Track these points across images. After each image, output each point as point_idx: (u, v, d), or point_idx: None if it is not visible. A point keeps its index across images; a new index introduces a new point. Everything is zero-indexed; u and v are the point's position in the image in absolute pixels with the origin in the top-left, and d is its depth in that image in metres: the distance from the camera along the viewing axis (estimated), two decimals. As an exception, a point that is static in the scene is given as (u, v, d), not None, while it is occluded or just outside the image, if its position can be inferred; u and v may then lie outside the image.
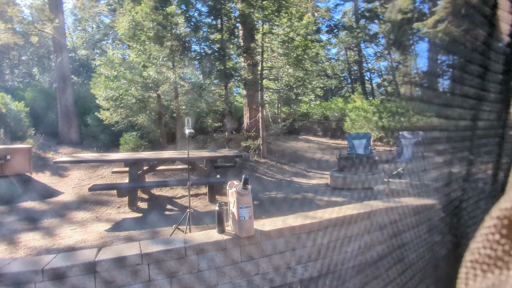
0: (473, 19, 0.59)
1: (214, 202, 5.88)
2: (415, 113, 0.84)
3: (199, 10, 9.91)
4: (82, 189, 6.69)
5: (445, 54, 0.57)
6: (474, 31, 0.59)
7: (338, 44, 23.54)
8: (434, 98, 0.63)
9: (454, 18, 0.63)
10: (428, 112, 0.64)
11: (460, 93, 0.60)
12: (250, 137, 10.39)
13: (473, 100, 0.59)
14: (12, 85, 17.34)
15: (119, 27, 9.39)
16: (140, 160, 5.96)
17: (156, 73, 8.62)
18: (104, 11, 21.07)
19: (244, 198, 3.04)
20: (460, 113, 0.60)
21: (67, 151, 9.94)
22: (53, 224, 4.82)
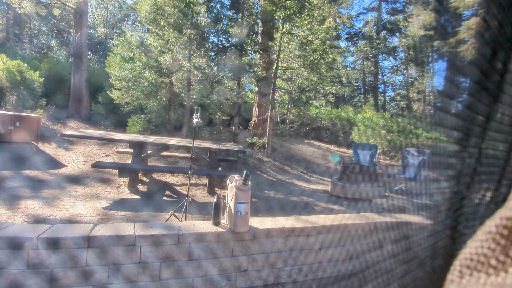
0: (494, 44, 0.58)
1: (213, 194, 5.91)
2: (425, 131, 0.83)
3: (221, 1, 9.91)
4: (85, 165, 6.77)
5: (462, 76, 0.56)
6: (494, 57, 0.59)
7: (356, 52, 23.38)
8: (445, 119, 0.63)
9: (476, 40, 0.63)
10: (437, 132, 0.63)
11: (468, 117, 0.59)
12: (257, 134, 10.39)
13: (480, 126, 0.59)
14: (30, 54, 17.55)
15: (141, 9, 9.43)
16: (145, 143, 6.00)
17: (172, 59, 8.66)
18: (128, -9, 21.18)
19: (243, 193, 3.05)
20: (466, 136, 0.60)
21: (75, 126, 10.05)
22: (53, 195, 4.89)
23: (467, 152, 0.62)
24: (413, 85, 23.56)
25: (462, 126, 0.62)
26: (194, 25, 8.53)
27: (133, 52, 9.12)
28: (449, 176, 0.67)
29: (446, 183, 0.68)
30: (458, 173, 0.65)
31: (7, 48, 14.87)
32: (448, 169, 0.67)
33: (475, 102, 0.61)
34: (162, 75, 8.98)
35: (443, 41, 0.62)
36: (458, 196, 0.65)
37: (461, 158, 0.63)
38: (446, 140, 0.65)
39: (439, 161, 0.69)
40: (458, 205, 0.66)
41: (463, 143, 0.62)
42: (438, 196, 0.68)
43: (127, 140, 5.72)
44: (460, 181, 0.65)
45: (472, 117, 0.61)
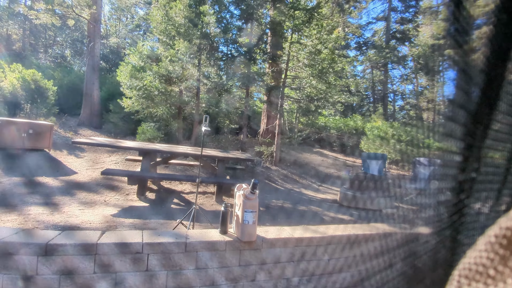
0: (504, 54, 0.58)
1: (221, 202, 5.90)
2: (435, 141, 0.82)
3: (231, 12, 10.07)
4: (95, 172, 6.86)
5: (473, 85, 0.56)
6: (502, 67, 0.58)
7: (365, 62, 23.35)
8: (449, 128, 0.62)
9: (486, 49, 0.62)
10: (442, 141, 0.62)
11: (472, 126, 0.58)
12: (265, 143, 10.39)
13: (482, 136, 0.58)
14: (45, 63, 18.04)
15: (152, 20, 9.63)
16: (154, 151, 6.05)
17: (182, 68, 8.78)
18: (140, 3, 21.71)
19: (251, 202, 3.03)
20: (467, 145, 0.59)
21: (86, 133, 10.22)
22: (63, 201, 4.95)
23: (468, 161, 0.61)
24: (423, 94, 23.34)
25: (464, 134, 0.61)
26: (204, 35, 8.66)
27: (144, 62, 9.29)
28: (450, 185, 0.66)
29: (447, 192, 0.67)
30: (458, 182, 0.64)
31: (23, 57, 15.33)
32: (449, 179, 0.66)
33: (479, 111, 0.60)
34: (171, 84, 9.10)
35: (454, 50, 0.61)
36: (459, 205, 0.64)
37: (461, 167, 0.62)
38: (448, 149, 0.64)
39: (441, 170, 0.68)
40: (458, 215, 0.64)
41: (464, 152, 0.61)
42: (441, 206, 0.67)
43: (136, 148, 5.78)
44: (461, 191, 0.63)
45: (475, 126, 0.60)
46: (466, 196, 0.62)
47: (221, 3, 9.47)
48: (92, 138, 8.35)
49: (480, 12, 0.59)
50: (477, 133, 0.58)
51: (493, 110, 0.58)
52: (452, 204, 0.63)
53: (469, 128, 0.59)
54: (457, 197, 0.62)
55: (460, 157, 0.60)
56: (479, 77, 0.57)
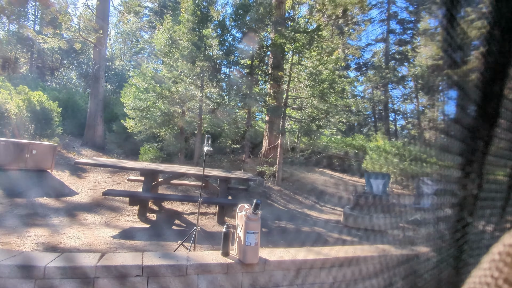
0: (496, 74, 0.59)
1: (222, 223, 5.82)
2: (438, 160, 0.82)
3: (233, 35, 10.33)
4: (96, 192, 6.82)
5: (471, 105, 0.57)
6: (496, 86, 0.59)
7: (366, 82, 23.64)
8: (455, 146, 0.62)
9: (482, 70, 0.63)
10: (447, 159, 0.62)
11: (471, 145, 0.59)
12: (267, 162, 10.37)
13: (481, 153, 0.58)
14: (51, 85, 18.40)
15: (156, 43, 9.90)
16: (156, 171, 6.04)
17: (184, 89, 8.92)
18: (145, 27, 22.38)
19: (253, 223, 2.99)
20: (469, 163, 0.59)
21: (89, 154, 10.26)
22: (63, 223, 4.90)
23: (470, 179, 0.61)
24: (424, 113, 23.44)
25: (465, 152, 0.61)
26: (207, 57, 8.86)
27: (147, 83, 9.46)
28: (452, 204, 0.65)
29: (450, 211, 0.66)
30: (461, 201, 0.63)
31: (29, 80, 15.66)
32: (452, 197, 0.66)
33: (479, 130, 0.60)
34: (174, 104, 9.22)
35: (452, 70, 0.62)
36: (462, 224, 0.63)
37: (463, 184, 0.62)
38: (449, 166, 0.63)
39: (443, 189, 0.68)
40: (462, 234, 0.63)
41: (466, 169, 0.61)
42: (444, 226, 0.66)
43: (138, 168, 5.78)
44: (464, 209, 0.63)
45: (475, 143, 0.60)
46: (469, 214, 0.61)
47: (224, 27, 9.75)
48: (94, 159, 8.38)
49: (477, 33, 0.61)
50: (478, 150, 0.58)
51: (493, 127, 0.58)
52: (456, 223, 0.62)
53: (469, 145, 0.59)
54: (460, 216, 0.61)
55: (462, 174, 0.60)
56: (477, 95, 0.58)
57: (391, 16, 23.48)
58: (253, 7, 9.55)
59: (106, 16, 12.71)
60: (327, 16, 12.23)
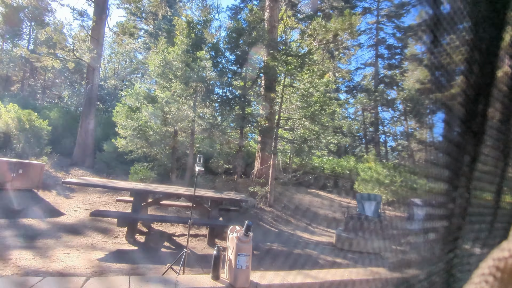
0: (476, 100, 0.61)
1: (213, 245, 5.68)
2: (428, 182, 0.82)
3: (226, 57, 10.53)
4: (83, 213, 6.64)
5: (457, 126, 0.59)
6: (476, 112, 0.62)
7: (356, 104, 24.14)
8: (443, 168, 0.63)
9: (467, 92, 0.66)
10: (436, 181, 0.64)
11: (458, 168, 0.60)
12: (259, 183, 10.31)
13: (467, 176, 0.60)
14: (42, 104, 18.28)
15: (150, 63, 10.02)
16: (146, 192, 5.94)
17: (177, 109, 8.96)
18: (140, 48, 22.69)
19: (244, 245, 2.93)
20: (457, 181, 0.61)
21: (78, 173, 10.07)
22: (47, 245, 4.72)
23: (457, 198, 0.62)
24: (413, 135, 23.89)
25: (453, 172, 0.63)
26: (200, 78, 8.97)
27: (140, 103, 9.48)
28: (442, 222, 0.66)
29: (440, 230, 0.67)
30: (450, 219, 0.64)
31: (20, 98, 15.55)
32: (441, 215, 0.66)
33: (465, 149, 0.62)
34: (167, 124, 9.22)
35: (438, 94, 0.65)
36: (453, 244, 0.63)
37: (452, 203, 0.63)
38: (438, 186, 0.64)
39: (433, 208, 0.69)
40: (453, 254, 0.63)
41: (453, 188, 0.62)
42: (434, 245, 0.66)
43: (128, 188, 5.67)
44: (453, 227, 0.63)
45: (462, 163, 0.62)
46: (458, 232, 0.62)
47: (218, 49, 9.95)
48: (83, 178, 8.22)
49: (461, 58, 0.63)
50: (465, 169, 0.59)
51: (479, 146, 0.60)
52: (446, 241, 0.62)
53: (456, 165, 0.60)
54: (450, 234, 0.62)
55: (450, 193, 0.61)
56: (463, 117, 0.59)
57: (380, 42, 24.39)
58: (246, 31, 9.81)
59: (101, 37, 12.88)
60: (318, 40, 12.63)
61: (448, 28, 0.61)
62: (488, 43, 0.59)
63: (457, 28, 0.61)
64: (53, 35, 11.62)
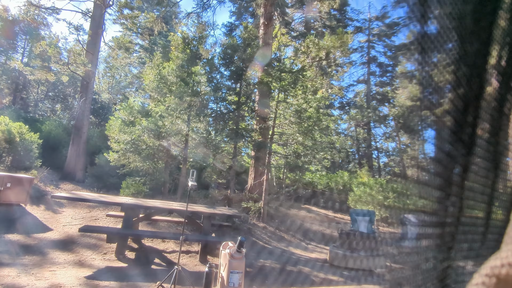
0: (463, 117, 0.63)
1: (205, 262, 5.56)
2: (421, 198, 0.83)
3: (221, 73, 10.64)
4: (72, 229, 6.48)
5: (448, 142, 0.60)
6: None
7: (349, 120, 24.41)
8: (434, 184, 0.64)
9: (456, 109, 0.68)
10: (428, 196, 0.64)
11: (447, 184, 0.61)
12: (252, 198, 10.23)
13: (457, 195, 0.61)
14: (33, 116, 18.10)
15: (145, 78, 10.07)
16: (138, 206, 5.84)
17: (171, 124, 8.95)
18: (135, 62, 22.81)
19: (237, 262, 2.88)
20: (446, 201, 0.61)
21: (68, 188, 9.89)
22: (33, 262, 4.57)
23: (450, 212, 0.62)
24: (405, 151, 24.16)
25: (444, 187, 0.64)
26: (195, 93, 9.02)
27: (134, 116, 9.46)
28: (435, 238, 0.66)
29: (433, 245, 0.67)
30: (443, 234, 0.64)
31: (11, 110, 15.38)
32: (433, 231, 0.67)
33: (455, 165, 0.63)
34: (160, 138, 9.18)
35: (429, 111, 0.66)
36: (446, 261, 0.63)
37: (444, 218, 0.63)
38: (430, 202, 0.65)
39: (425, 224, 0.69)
40: (446, 272, 0.63)
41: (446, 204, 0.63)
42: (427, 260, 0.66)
43: (119, 203, 5.58)
44: (445, 241, 0.63)
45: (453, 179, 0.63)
46: (451, 245, 0.62)
47: (212, 64, 10.07)
48: (73, 192, 8.06)
49: (451, 76, 0.65)
50: (456, 184, 0.60)
51: (468, 161, 0.61)
52: (439, 257, 0.62)
53: (447, 181, 0.61)
54: (443, 248, 0.62)
55: (442, 208, 0.62)
56: (453, 133, 0.61)
57: (371, 60, 24.96)
58: (241, 48, 9.97)
59: (97, 51, 12.95)
60: (311, 57, 12.88)
61: (437, 46, 0.63)
62: (476, 59, 0.61)
63: (446, 46, 0.63)
64: (48, 48, 11.63)
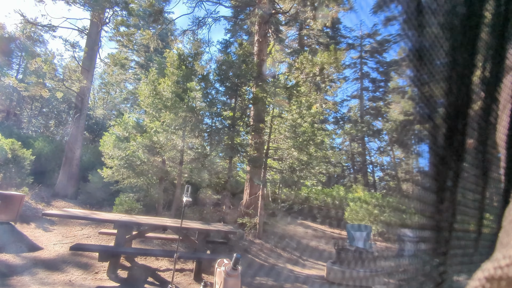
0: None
1: (200, 280, 5.43)
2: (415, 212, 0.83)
3: (216, 88, 10.73)
4: (63, 247, 6.31)
5: (440, 156, 0.61)
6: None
7: (343, 135, 24.59)
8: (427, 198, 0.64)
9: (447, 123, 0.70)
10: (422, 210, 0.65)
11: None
12: (248, 214, 10.12)
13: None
14: (26, 133, 17.94)
15: (140, 94, 10.10)
16: (131, 223, 5.73)
17: (166, 139, 8.92)
18: (130, 79, 22.94)
19: (232, 280, 2.81)
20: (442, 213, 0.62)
21: (60, 205, 9.70)
22: (21, 283, 4.42)
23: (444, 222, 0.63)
24: (400, 165, 24.29)
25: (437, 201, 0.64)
26: (190, 108, 9.06)
27: (128, 132, 9.42)
28: (430, 249, 0.66)
29: (428, 258, 0.67)
30: (438, 244, 0.64)
31: (4, 127, 15.25)
32: (428, 242, 0.67)
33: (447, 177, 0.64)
34: (155, 154, 9.13)
35: (422, 125, 0.67)
36: (441, 269, 0.63)
37: (438, 229, 0.63)
38: (424, 216, 0.66)
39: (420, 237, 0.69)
40: (441, 278, 0.63)
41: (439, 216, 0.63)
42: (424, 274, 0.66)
43: (112, 220, 5.47)
44: (440, 252, 0.63)
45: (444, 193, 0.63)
46: (445, 255, 0.62)
47: (207, 80, 10.16)
48: (64, 210, 7.90)
49: (441, 91, 0.66)
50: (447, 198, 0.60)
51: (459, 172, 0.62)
52: (435, 271, 0.62)
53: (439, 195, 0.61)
54: (438, 259, 0.62)
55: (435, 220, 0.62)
56: (444, 147, 0.61)
57: (364, 75, 25.43)
58: (236, 64, 10.11)
59: (92, 68, 13.02)
60: (305, 73, 13.09)
61: (426, 61, 0.64)
62: (464, 70, 0.63)
63: (437, 63, 0.64)
64: (43, 65, 11.68)
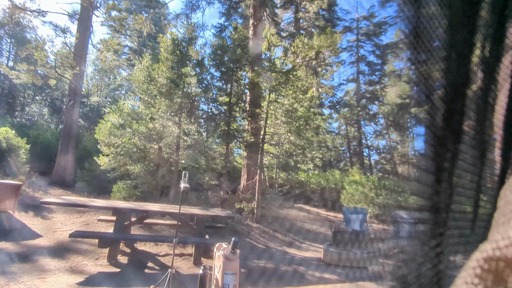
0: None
1: (199, 264, 5.52)
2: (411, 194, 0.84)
3: (212, 74, 10.60)
4: (62, 234, 6.36)
5: (436, 139, 0.61)
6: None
7: (339, 119, 24.60)
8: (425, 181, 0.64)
9: (444, 106, 0.69)
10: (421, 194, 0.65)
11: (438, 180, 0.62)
12: (245, 199, 10.21)
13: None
14: (20, 121, 17.74)
15: (135, 80, 9.95)
16: (129, 210, 5.77)
17: (162, 126, 8.87)
18: (124, 65, 22.56)
19: (231, 263, 2.86)
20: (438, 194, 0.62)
21: (57, 193, 9.71)
22: (22, 269, 4.47)
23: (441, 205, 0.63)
24: (396, 149, 24.47)
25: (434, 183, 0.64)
26: (185, 94, 8.96)
27: (124, 119, 9.34)
28: (426, 232, 0.66)
29: (424, 240, 0.68)
30: (434, 228, 0.65)
31: (-3, 116, 15.07)
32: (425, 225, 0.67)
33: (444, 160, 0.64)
34: (151, 140, 9.09)
35: (419, 108, 0.67)
36: (436, 251, 0.64)
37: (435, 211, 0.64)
38: (420, 198, 0.66)
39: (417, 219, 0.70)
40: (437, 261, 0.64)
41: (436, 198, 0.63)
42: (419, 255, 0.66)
43: (110, 207, 5.51)
44: (436, 235, 0.64)
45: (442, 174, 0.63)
46: (441, 238, 0.62)
47: (202, 65, 10.02)
48: (62, 198, 7.92)
49: (439, 74, 0.65)
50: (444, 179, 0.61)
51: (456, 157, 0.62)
52: (431, 252, 0.63)
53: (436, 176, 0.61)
54: (434, 242, 0.62)
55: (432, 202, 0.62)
56: (440, 130, 0.61)
57: (360, 59, 25.20)
58: (231, 48, 9.95)
59: (84, 54, 12.76)
60: (301, 57, 12.94)
61: (425, 41, 0.63)
62: (463, 50, 0.62)
63: (434, 45, 0.63)
64: (34, 52, 11.42)
